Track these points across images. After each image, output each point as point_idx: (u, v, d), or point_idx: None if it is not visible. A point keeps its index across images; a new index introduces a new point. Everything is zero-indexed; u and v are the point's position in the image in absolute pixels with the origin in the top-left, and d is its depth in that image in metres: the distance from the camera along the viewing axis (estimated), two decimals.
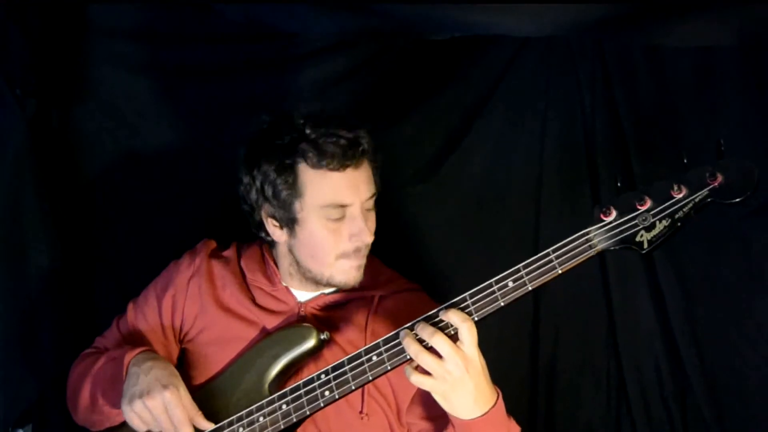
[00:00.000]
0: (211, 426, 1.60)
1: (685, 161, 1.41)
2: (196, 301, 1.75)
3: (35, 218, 2.04)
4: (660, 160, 2.14)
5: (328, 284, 1.69)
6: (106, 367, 1.71)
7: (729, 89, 2.13)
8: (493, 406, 1.49)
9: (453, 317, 1.43)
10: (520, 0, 2.01)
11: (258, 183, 1.66)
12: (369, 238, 1.65)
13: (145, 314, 1.79)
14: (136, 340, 1.78)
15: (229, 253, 1.83)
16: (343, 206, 1.62)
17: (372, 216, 1.70)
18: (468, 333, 1.42)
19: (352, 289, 1.74)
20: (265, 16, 2.18)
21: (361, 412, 1.65)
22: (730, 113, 2.13)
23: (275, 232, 1.70)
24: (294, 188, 1.62)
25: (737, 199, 1.36)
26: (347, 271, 1.66)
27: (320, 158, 1.59)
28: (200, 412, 1.59)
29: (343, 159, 1.60)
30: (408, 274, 1.88)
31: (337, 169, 1.60)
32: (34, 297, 2.04)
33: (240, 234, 1.87)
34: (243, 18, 2.19)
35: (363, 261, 1.68)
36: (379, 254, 1.83)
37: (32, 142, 2.02)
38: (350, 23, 2.18)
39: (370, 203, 1.68)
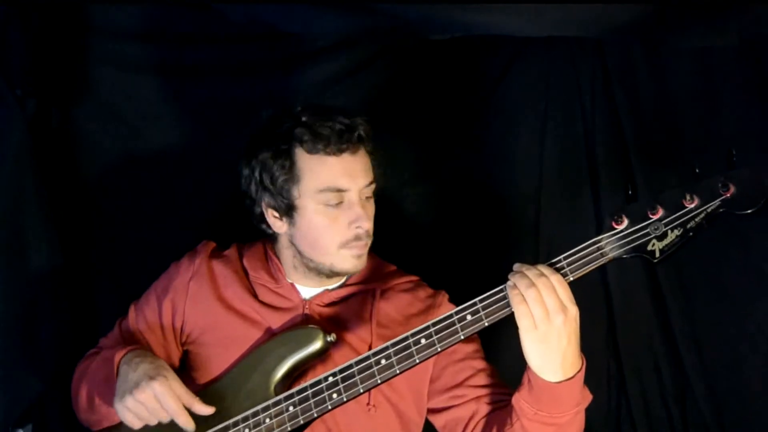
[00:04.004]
0: (210, 410, 1.59)
1: (697, 170, 1.40)
2: (197, 302, 1.75)
3: (35, 218, 2.03)
4: (660, 159, 2.14)
5: (331, 272, 1.68)
6: (99, 368, 1.71)
7: (729, 89, 2.13)
8: (579, 371, 1.45)
9: (544, 270, 1.41)
10: (520, 0, 2.01)
11: (257, 173, 1.67)
12: (367, 224, 1.64)
13: (146, 316, 1.79)
14: (135, 341, 1.77)
15: (230, 252, 1.82)
16: (340, 191, 1.62)
17: (371, 205, 1.69)
18: (563, 288, 1.40)
19: (355, 284, 1.74)
20: (265, 16, 2.18)
21: (368, 404, 1.64)
22: (729, 113, 2.13)
23: (275, 223, 1.70)
24: (291, 173, 1.63)
25: (749, 210, 1.36)
26: (348, 259, 1.66)
27: (315, 142, 1.60)
28: (196, 398, 1.58)
29: (339, 143, 1.60)
30: (408, 273, 1.87)
31: (334, 154, 1.61)
32: (34, 297, 2.04)
33: (241, 235, 1.87)
34: (243, 18, 2.19)
35: (364, 251, 1.67)
36: (379, 253, 1.83)
37: (32, 142, 2.02)
38: (350, 23, 2.18)
39: (368, 191, 1.68)
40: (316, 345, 1.60)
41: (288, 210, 1.66)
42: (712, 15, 2.02)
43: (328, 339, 1.60)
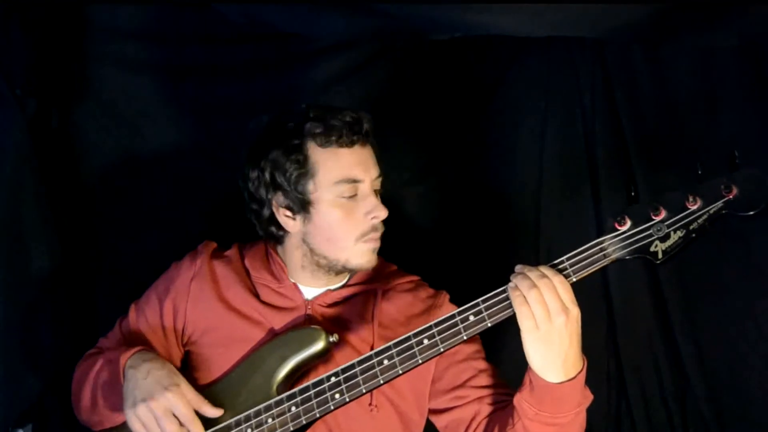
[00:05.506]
0: (219, 412, 1.59)
1: (700, 172, 1.40)
2: (198, 303, 1.74)
3: (35, 218, 2.04)
4: (660, 159, 2.14)
5: (344, 269, 1.68)
6: (103, 370, 1.71)
7: (729, 89, 2.13)
8: (580, 372, 1.46)
9: (546, 271, 1.42)
10: (520, 0, 2.02)
11: (267, 173, 1.66)
12: (383, 213, 1.64)
13: (147, 316, 1.78)
14: (137, 341, 1.77)
15: (231, 252, 1.82)
16: (355, 182, 1.63)
17: (379, 199, 1.70)
18: (565, 289, 1.41)
19: (357, 284, 1.74)
20: (265, 16, 2.18)
21: (370, 405, 1.64)
22: (729, 113, 2.13)
23: (288, 222, 1.69)
24: (305, 168, 1.63)
25: (752, 212, 1.36)
26: (364, 254, 1.66)
27: (328, 134, 1.61)
28: (206, 401, 1.59)
29: (351, 134, 1.62)
30: (409, 273, 1.87)
31: (346, 146, 1.63)
32: (34, 297, 2.04)
33: (241, 234, 1.86)
34: (243, 18, 2.19)
35: (378, 244, 1.68)
36: (380, 253, 1.82)
37: (32, 142, 2.02)
38: (351, 23, 2.18)
39: (378, 184, 1.69)
40: (318, 345, 1.60)
41: (303, 206, 1.65)
42: (712, 15, 2.02)
43: (331, 339, 1.60)
